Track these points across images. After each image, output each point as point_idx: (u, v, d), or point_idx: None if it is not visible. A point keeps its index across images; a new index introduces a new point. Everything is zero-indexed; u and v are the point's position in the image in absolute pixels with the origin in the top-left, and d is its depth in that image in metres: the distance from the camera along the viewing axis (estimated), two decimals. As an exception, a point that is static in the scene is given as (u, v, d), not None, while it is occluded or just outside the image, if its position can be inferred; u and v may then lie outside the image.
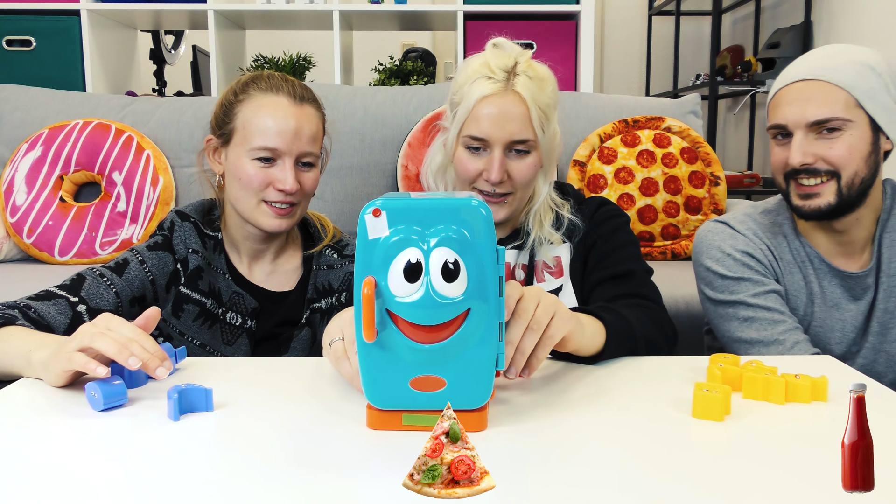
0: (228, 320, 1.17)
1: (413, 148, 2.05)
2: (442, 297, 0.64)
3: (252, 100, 1.14)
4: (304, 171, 1.16)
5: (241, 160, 1.13)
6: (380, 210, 0.65)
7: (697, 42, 4.03)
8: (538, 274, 1.19)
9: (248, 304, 1.18)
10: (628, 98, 2.25)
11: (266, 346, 1.19)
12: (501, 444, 0.68)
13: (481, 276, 0.66)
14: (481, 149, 1.12)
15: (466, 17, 2.75)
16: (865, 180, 1.12)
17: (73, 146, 2.03)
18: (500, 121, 1.09)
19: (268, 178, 1.13)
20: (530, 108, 1.09)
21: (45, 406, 0.79)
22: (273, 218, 1.15)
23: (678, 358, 0.95)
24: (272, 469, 0.63)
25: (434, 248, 0.64)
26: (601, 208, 1.22)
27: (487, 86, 1.09)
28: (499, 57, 1.12)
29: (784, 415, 0.76)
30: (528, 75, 1.10)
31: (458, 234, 0.65)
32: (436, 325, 0.65)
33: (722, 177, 2.06)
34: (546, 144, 1.14)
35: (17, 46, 2.67)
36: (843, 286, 1.19)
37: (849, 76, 1.09)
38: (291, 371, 0.92)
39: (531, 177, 1.14)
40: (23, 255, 2.06)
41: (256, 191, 1.13)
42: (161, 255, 1.15)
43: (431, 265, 0.64)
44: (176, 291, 1.14)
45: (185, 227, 1.18)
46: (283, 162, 1.13)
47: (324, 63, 3.02)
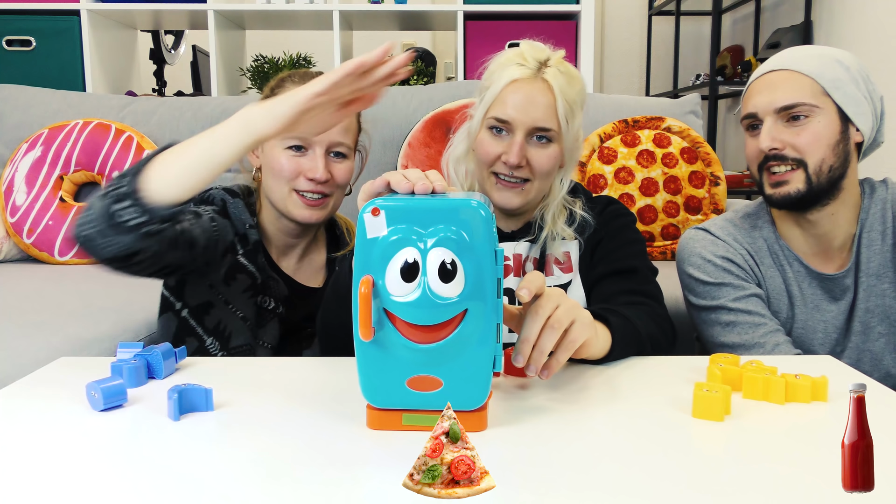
0: (261, 304, 1.19)
1: (413, 148, 2.05)
2: (439, 298, 0.64)
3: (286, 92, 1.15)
4: (335, 162, 1.18)
5: (275, 151, 1.16)
6: (378, 209, 0.66)
7: (697, 42, 4.03)
8: (548, 268, 1.20)
9: (280, 290, 1.20)
10: (628, 98, 2.25)
11: (290, 339, 1.21)
12: (501, 444, 0.68)
13: (479, 277, 0.66)
14: (504, 132, 1.13)
15: (466, 17, 2.75)
16: (834, 168, 1.14)
17: (73, 146, 2.03)
18: (525, 106, 1.11)
19: (299, 167, 1.15)
20: (557, 98, 1.11)
21: (45, 406, 0.79)
22: (304, 208, 1.17)
23: (678, 358, 0.95)
24: (272, 469, 0.63)
25: (431, 248, 0.64)
26: (609, 206, 1.24)
27: (518, 71, 1.12)
28: (534, 49, 1.15)
29: (784, 415, 0.76)
30: (560, 69, 1.13)
31: (457, 235, 0.65)
32: (432, 325, 0.65)
33: (722, 177, 2.06)
34: (569, 141, 1.15)
35: (17, 46, 2.67)
36: (822, 287, 1.21)
37: (815, 66, 1.13)
38: (291, 371, 0.92)
39: (550, 167, 1.15)
40: (23, 255, 2.06)
41: (288, 179, 1.15)
42: (224, 222, 1.16)
43: (429, 265, 0.64)
44: (233, 259, 1.16)
45: (237, 203, 1.20)
46: (313, 151, 1.15)
47: (324, 63, 3.01)
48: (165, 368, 0.87)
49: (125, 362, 0.84)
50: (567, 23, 2.78)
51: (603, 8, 4.17)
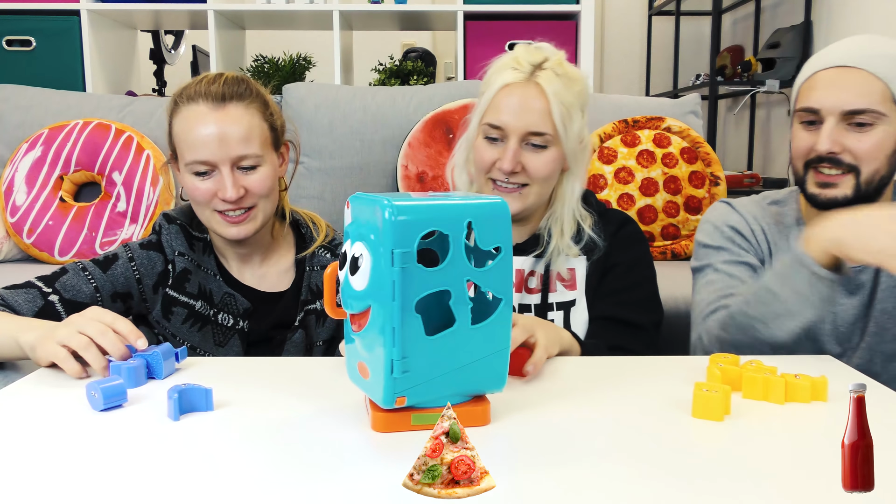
0: (220, 321, 1.15)
1: (413, 148, 2.05)
2: (350, 288, 0.69)
3: (179, 114, 1.13)
4: (247, 175, 1.11)
5: (185, 177, 1.12)
6: (349, 203, 0.73)
7: (697, 42, 4.03)
8: (551, 284, 1.17)
9: (240, 304, 1.16)
10: (628, 98, 2.25)
11: (259, 348, 1.18)
12: (502, 443, 0.69)
13: (379, 277, 0.66)
14: (499, 139, 1.12)
15: (466, 17, 2.75)
16: (884, 178, 1.09)
17: (73, 146, 2.03)
18: (518, 111, 1.10)
19: (209, 190, 1.10)
20: (551, 102, 1.09)
21: (45, 406, 0.79)
22: (229, 226, 1.12)
23: (678, 358, 0.95)
24: (272, 469, 0.63)
25: (354, 241, 0.70)
26: (624, 228, 1.21)
27: (511, 75, 1.11)
28: (529, 52, 1.14)
29: (784, 415, 0.76)
30: (556, 72, 1.11)
31: (370, 232, 0.68)
32: (351, 313, 0.70)
33: (722, 177, 2.06)
34: (570, 145, 1.13)
35: (17, 46, 2.67)
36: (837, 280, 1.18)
37: (889, 68, 1.06)
38: (292, 371, 0.92)
39: (548, 172, 1.13)
40: (23, 255, 2.06)
41: (203, 203, 1.11)
42: (152, 254, 1.14)
43: (348, 257, 0.70)
44: (164, 293, 1.14)
45: (171, 229, 1.16)
46: (219, 171, 1.09)
47: (324, 63, 3.02)
48: (165, 368, 0.87)
49: (124, 363, 0.84)
50: (567, 23, 2.78)
51: (603, 8, 4.17)
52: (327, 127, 2.10)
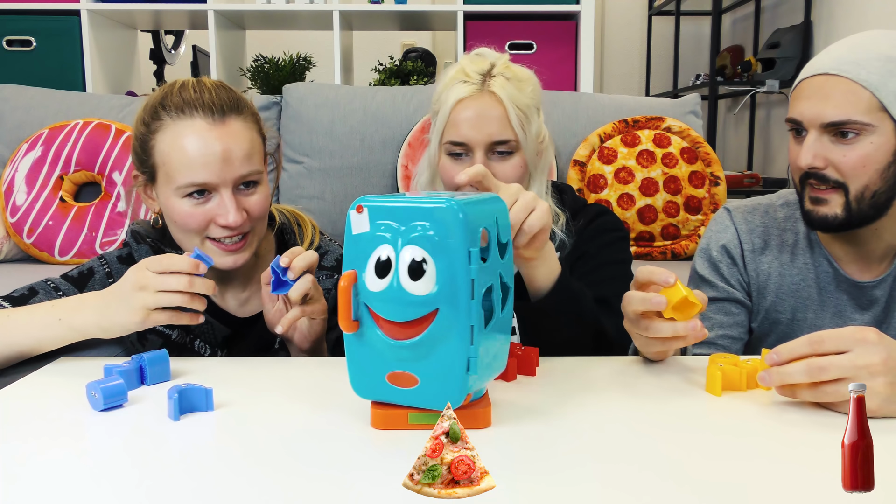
0: (197, 349, 1.07)
1: (413, 148, 2.05)
2: (408, 295, 0.65)
3: (166, 129, 0.98)
4: (247, 196, 1.00)
5: (172, 200, 0.98)
6: (362, 207, 0.68)
7: (697, 42, 4.03)
8: None
9: (217, 332, 1.07)
10: (628, 98, 2.25)
11: None
12: (502, 443, 0.68)
13: (451, 278, 0.65)
14: (463, 154, 1.11)
15: (466, 17, 2.75)
16: (879, 194, 1.00)
17: (73, 146, 2.03)
18: (477, 123, 1.08)
19: (206, 215, 0.98)
20: (508, 108, 1.08)
21: (45, 406, 0.79)
22: (224, 255, 1.01)
23: (678, 358, 0.95)
24: (272, 469, 0.63)
25: (404, 245, 0.66)
26: (598, 219, 1.19)
27: (463, 89, 1.09)
28: (475, 62, 1.12)
29: (784, 415, 0.76)
30: (506, 76, 1.10)
31: (430, 234, 0.66)
32: (405, 321, 0.66)
33: (722, 177, 2.06)
34: (530, 146, 1.12)
35: (17, 46, 2.67)
36: (849, 294, 1.12)
37: (878, 75, 0.96)
38: (292, 371, 0.92)
39: (517, 177, 1.12)
40: (23, 255, 2.06)
41: (197, 231, 0.99)
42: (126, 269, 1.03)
43: (400, 262, 0.66)
44: None
45: (140, 250, 1.06)
46: (219, 195, 0.98)
47: (324, 63, 3.02)
48: (158, 375, 0.85)
49: (117, 366, 0.83)
50: (567, 23, 2.78)
51: (603, 8, 4.17)
52: (327, 127, 2.10)
